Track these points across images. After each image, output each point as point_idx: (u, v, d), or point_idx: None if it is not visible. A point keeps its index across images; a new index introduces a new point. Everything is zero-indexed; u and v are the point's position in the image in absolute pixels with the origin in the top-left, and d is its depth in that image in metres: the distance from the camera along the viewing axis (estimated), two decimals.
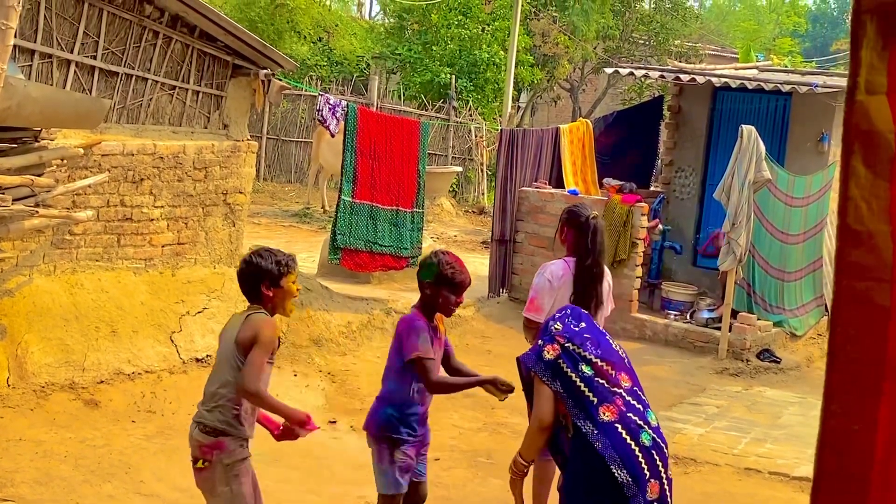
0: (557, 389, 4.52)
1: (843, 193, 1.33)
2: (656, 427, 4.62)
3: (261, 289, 4.90)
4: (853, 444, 1.35)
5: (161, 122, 9.51)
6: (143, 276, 9.10)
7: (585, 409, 4.49)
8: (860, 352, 1.33)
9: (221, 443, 4.81)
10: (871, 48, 1.29)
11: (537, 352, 4.61)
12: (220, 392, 4.84)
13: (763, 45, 37.16)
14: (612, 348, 4.73)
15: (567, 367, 4.55)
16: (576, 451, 4.58)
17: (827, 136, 13.63)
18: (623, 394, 4.59)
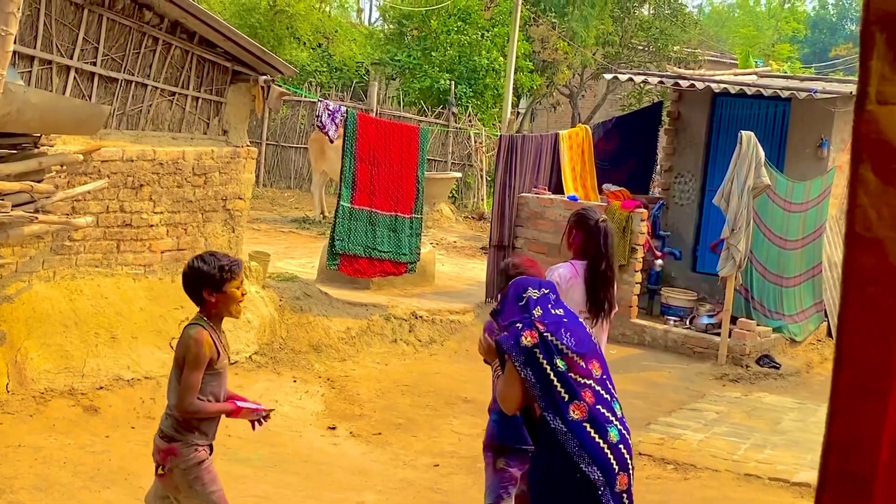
0: (528, 378, 4.53)
1: (852, 201, 1.33)
2: (622, 417, 4.71)
3: (203, 295, 4.87)
4: (859, 447, 1.35)
5: (160, 128, 9.51)
6: (143, 282, 9.10)
7: (556, 406, 4.53)
8: (867, 355, 1.34)
9: (174, 448, 4.92)
10: (881, 58, 1.29)
11: (515, 336, 4.57)
12: (170, 401, 4.98)
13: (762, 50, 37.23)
14: (585, 337, 4.74)
15: (542, 358, 4.55)
16: (542, 446, 4.64)
17: (826, 141, 13.64)
18: (593, 384, 4.63)
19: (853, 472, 1.36)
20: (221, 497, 5.03)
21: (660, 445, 8.78)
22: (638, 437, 8.95)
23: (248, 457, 7.71)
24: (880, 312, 1.33)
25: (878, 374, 1.33)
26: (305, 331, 10.20)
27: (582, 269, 6.15)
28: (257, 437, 8.16)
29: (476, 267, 15.36)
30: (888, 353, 1.33)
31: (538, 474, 4.71)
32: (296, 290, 10.79)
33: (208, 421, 5.01)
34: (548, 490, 4.64)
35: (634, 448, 8.54)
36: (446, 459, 8.11)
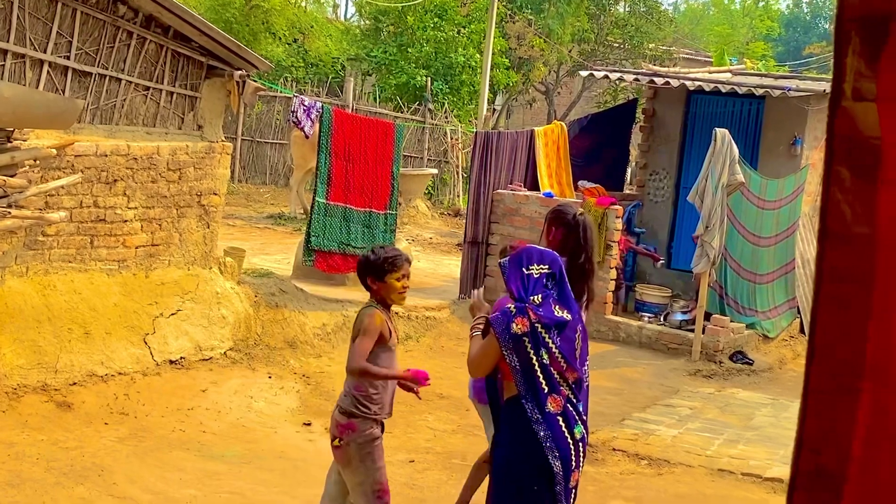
0: (513, 364, 4.64)
1: (826, 197, 1.34)
2: (585, 420, 4.89)
3: (367, 282, 5.48)
4: (831, 444, 1.36)
5: (135, 123, 9.46)
6: (117, 277, 9.05)
7: (536, 395, 4.67)
8: (840, 353, 1.35)
9: (353, 424, 5.35)
10: (856, 55, 1.30)
11: (507, 320, 4.65)
12: (349, 379, 5.43)
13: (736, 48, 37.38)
14: (571, 344, 4.79)
15: (530, 348, 4.65)
16: (510, 429, 4.75)
17: (800, 139, 13.73)
18: (569, 384, 4.77)
19: (825, 468, 1.37)
20: (384, 474, 5.45)
21: (634, 441, 8.82)
22: (612, 432, 8.99)
23: (223, 453, 7.69)
24: (853, 309, 1.34)
25: (851, 370, 1.35)
26: (281, 327, 10.18)
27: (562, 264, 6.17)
28: (232, 434, 8.14)
29: (451, 263, 15.36)
30: (860, 350, 1.34)
31: (503, 458, 4.82)
32: (271, 286, 10.76)
33: (382, 395, 5.40)
34: (510, 475, 4.76)
35: (609, 443, 8.61)
36: (421, 455, 8.11)
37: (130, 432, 7.75)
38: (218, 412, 8.47)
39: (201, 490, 6.98)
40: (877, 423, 1.34)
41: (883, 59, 1.29)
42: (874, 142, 1.31)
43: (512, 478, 4.75)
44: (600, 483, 7.84)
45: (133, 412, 8.09)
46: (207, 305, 9.57)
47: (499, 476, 4.84)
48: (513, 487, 4.74)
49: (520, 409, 4.68)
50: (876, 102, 1.30)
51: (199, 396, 8.65)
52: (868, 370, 1.34)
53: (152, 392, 8.44)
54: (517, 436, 4.72)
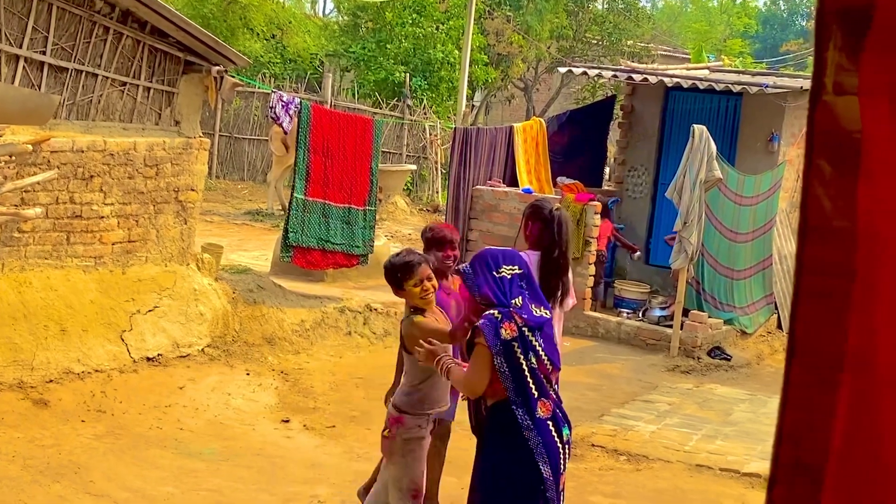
0: (503, 370, 4.55)
1: (807, 191, 1.34)
2: (569, 421, 4.86)
3: (395, 293, 5.63)
4: (810, 437, 1.36)
5: (111, 119, 9.40)
6: (93, 274, 8.99)
7: (526, 401, 4.59)
8: (820, 346, 1.35)
9: (402, 419, 5.50)
10: (838, 49, 1.30)
11: (496, 326, 4.55)
12: (402, 379, 5.69)
13: (714, 45, 37.54)
14: (552, 342, 4.78)
15: (519, 352, 4.57)
16: (498, 437, 4.70)
17: (777, 135, 13.80)
18: (553, 385, 4.75)
19: (805, 461, 1.37)
20: (423, 475, 5.60)
21: (612, 437, 8.84)
22: (591, 428, 9.00)
23: (200, 450, 7.66)
24: (833, 302, 1.34)
25: (831, 365, 1.34)
26: (259, 323, 10.14)
27: (535, 259, 6.20)
28: (210, 431, 8.11)
29: None
30: (840, 344, 1.34)
31: (490, 468, 4.75)
32: (249, 282, 10.72)
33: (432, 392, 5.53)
34: (499, 482, 4.70)
35: (588, 439, 8.63)
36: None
37: (107, 430, 7.71)
38: (195, 409, 8.44)
39: (179, 487, 6.95)
40: (857, 415, 1.34)
41: (865, 52, 1.29)
42: (855, 136, 1.31)
43: (502, 485, 4.68)
44: (579, 479, 7.85)
45: (110, 409, 8.04)
46: (185, 302, 9.53)
47: (487, 483, 4.77)
48: (503, 494, 4.68)
49: (509, 415, 4.58)
50: (858, 96, 1.30)
51: (177, 394, 8.61)
52: (848, 363, 1.34)
53: (129, 389, 8.39)
54: (506, 442, 4.64)
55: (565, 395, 9.38)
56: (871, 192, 1.30)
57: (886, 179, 1.29)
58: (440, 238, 6.37)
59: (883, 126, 1.29)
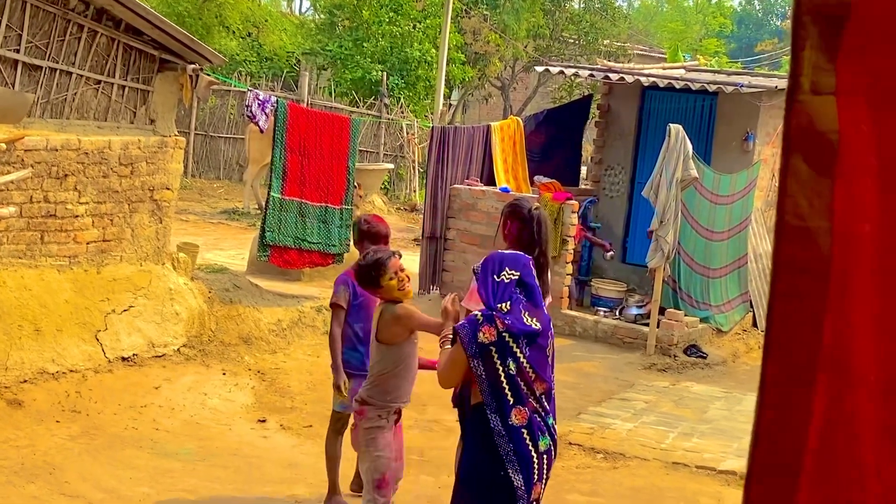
0: (479, 373, 4.55)
1: (783, 191, 1.34)
2: (553, 431, 4.80)
3: (371, 293, 5.87)
4: (787, 435, 1.37)
5: (86, 117, 9.33)
6: (68, 273, 8.93)
7: (500, 407, 4.57)
8: (796, 345, 1.35)
9: (364, 410, 5.71)
10: (814, 48, 1.30)
11: (473, 329, 4.55)
12: (371, 370, 5.81)
13: (690, 45, 37.71)
14: (542, 353, 4.71)
15: (497, 358, 4.54)
16: (474, 440, 4.71)
17: (752, 135, 13.86)
18: (536, 395, 4.67)
19: (781, 459, 1.37)
20: (387, 464, 5.73)
21: (589, 435, 8.86)
22: (568, 426, 9.02)
23: (176, 450, 7.62)
24: (810, 302, 1.34)
25: (807, 364, 1.35)
26: (235, 323, 10.10)
27: None
28: (185, 431, 8.07)
29: (409, 258, 15.31)
30: (817, 342, 1.34)
31: (466, 466, 4.77)
32: (225, 281, 10.68)
33: (396, 382, 5.68)
34: (473, 482, 4.73)
35: (565, 437, 8.64)
36: None
37: (82, 430, 7.66)
38: (171, 409, 8.39)
39: (154, 488, 6.91)
40: (833, 414, 1.35)
41: (841, 52, 1.29)
42: (832, 136, 1.31)
43: (474, 486, 4.71)
44: (556, 477, 7.86)
45: (85, 410, 7.99)
46: (160, 302, 9.48)
47: (463, 481, 4.81)
48: (475, 495, 4.71)
49: (484, 418, 4.60)
50: (835, 96, 1.31)
51: (152, 394, 8.56)
52: (824, 362, 1.34)
53: (104, 389, 8.34)
54: (480, 445, 4.66)
55: None
56: (848, 191, 1.31)
57: (863, 179, 1.30)
58: (376, 232, 6.63)
59: (860, 126, 1.29)
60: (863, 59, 1.28)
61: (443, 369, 4.74)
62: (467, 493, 4.74)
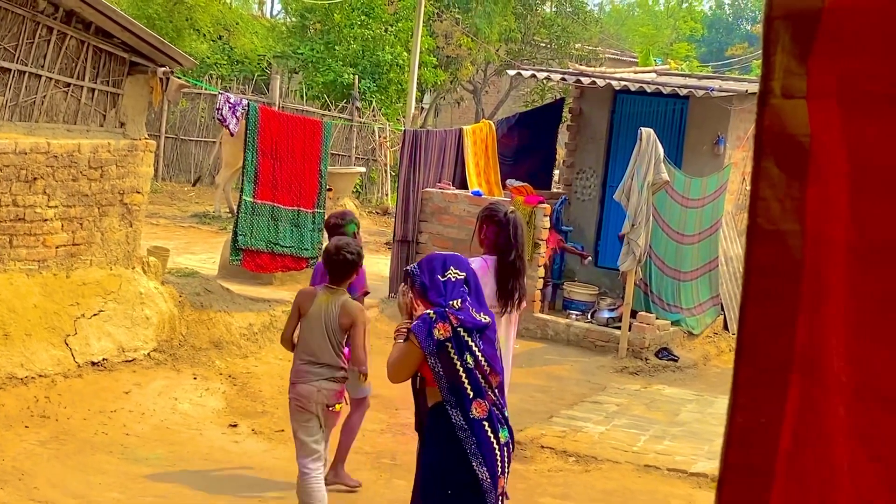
0: (437, 371, 4.60)
1: (755, 194, 1.35)
2: (509, 424, 4.88)
3: (352, 275, 6.28)
4: (759, 437, 1.37)
5: (55, 120, 9.26)
6: (37, 277, 8.85)
7: (460, 401, 4.63)
8: (768, 347, 1.36)
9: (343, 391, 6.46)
10: (786, 52, 1.31)
11: (428, 327, 4.61)
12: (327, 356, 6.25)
13: (661, 49, 37.88)
14: (493, 346, 4.81)
15: (454, 353, 4.62)
16: (435, 437, 4.73)
17: (722, 138, 13.95)
18: (493, 387, 4.76)
19: (753, 461, 1.38)
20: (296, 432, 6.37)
21: (561, 438, 8.88)
22: (540, 429, 9.03)
23: (147, 456, 7.57)
24: (781, 304, 1.35)
25: (779, 364, 1.35)
26: (206, 327, 10.04)
27: (493, 263, 6.23)
28: (156, 436, 8.01)
29: (380, 262, 15.31)
30: (789, 346, 1.35)
31: (428, 467, 4.81)
32: (196, 285, 10.61)
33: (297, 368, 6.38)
34: (437, 484, 4.75)
35: (537, 441, 8.66)
36: (350, 455, 8.05)
37: (52, 435, 7.59)
38: (141, 414, 8.34)
39: (125, 493, 6.86)
40: (805, 416, 1.35)
41: (812, 56, 1.30)
42: (803, 139, 1.32)
43: (439, 486, 4.72)
44: (528, 480, 7.87)
45: (54, 415, 7.92)
46: (130, 306, 9.41)
47: (426, 484, 4.82)
48: (441, 496, 4.71)
49: (444, 417, 4.64)
50: (806, 100, 1.31)
51: (122, 398, 8.50)
52: (796, 364, 1.35)
53: (74, 394, 8.27)
54: (442, 443, 4.68)
55: (514, 397, 9.39)
56: (820, 194, 1.31)
57: (835, 182, 1.30)
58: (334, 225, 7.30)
59: (831, 130, 1.30)
60: (833, 62, 1.29)
61: (393, 363, 4.79)
62: (434, 493, 4.75)
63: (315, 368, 6.22)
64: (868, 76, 1.26)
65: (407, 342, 4.68)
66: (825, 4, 1.27)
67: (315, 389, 6.19)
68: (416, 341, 4.61)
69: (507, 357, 6.64)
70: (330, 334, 6.18)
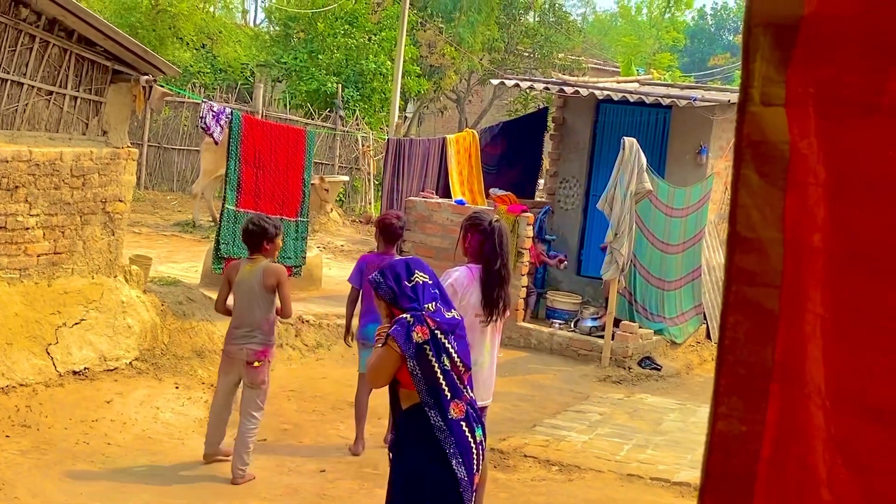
0: (416, 373, 4.65)
1: (734, 202, 1.35)
2: (482, 421, 4.99)
3: (263, 244, 7.30)
4: (740, 446, 1.37)
5: (37, 128, 9.22)
6: (18, 286, 8.80)
7: (438, 402, 4.70)
8: (749, 355, 1.36)
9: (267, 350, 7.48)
10: (765, 60, 1.31)
11: (407, 331, 4.66)
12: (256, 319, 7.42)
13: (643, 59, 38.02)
14: (464, 343, 4.90)
15: (432, 355, 4.67)
16: (412, 438, 4.76)
17: (705, 148, 14.00)
18: (468, 389, 4.85)
19: (735, 469, 1.38)
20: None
21: (545, 447, 8.87)
22: (523, 439, 9.03)
23: (129, 466, 7.53)
24: (761, 313, 1.35)
25: (759, 372, 1.36)
26: (188, 336, 10.00)
27: (478, 272, 6.24)
28: (138, 446, 7.97)
29: None
30: (769, 354, 1.35)
31: (407, 472, 4.83)
32: (178, 294, 10.58)
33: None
34: (414, 485, 4.77)
35: (520, 450, 8.66)
36: (333, 465, 8.05)
37: (33, 445, 7.54)
38: (123, 424, 8.29)
39: (106, 503, 6.81)
40: (785, 424, 1.35)
41: (791, 64, 1.30)
42: (782, 146, 1.32)
43: (417, 487, 4.76)
44: (511, 490, 7.87)
45: (35, 424, 7.87)
46: (112, 315, 9.37)
47: (407, 483, 4.84)
48: (422, 496, 4.74)
49: (422, 418, 4.69)
50: (784, 107, 1.32)
51: (104, 408, 8.46)
52: (776, 373, 1.35)
53: (55, 404, 8.22)
54: (420, 445, 4.73)
55: (497, 406, 9.39)
56: (799, 202, 1.32)
57: (813, 191, 1.31)
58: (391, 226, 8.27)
59: (809, 138, 1.30)
60: (811, 70, 1.29)
61: (372, 368, 4.82)
62: (413, 495, 4.77)
63: (240, 331, 7.40)
64: (843, 84, 1.27)
65: (385, 346, 4.71)
66: (805, 12, 1.28)
67: (237, 348, 7.38)
68: (396, 345, 4.65)
69: (491, 366, 6.65)
70: (257, 298, 7.30)
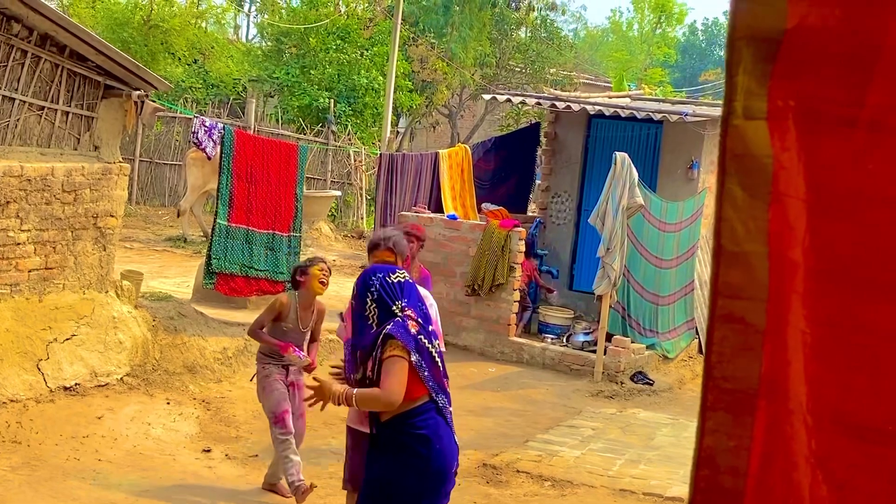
0: (419, 364, 4.70)
1: (718, 215, 1.35)
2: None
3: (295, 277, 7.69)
4: (728, 461, 1.37)
5: (29, 144, 9.21)
6: (9, 302, 8.78)
7: (441, 386, 4.82)
8: (735, 370, 1.36)
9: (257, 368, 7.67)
10: (748, 73, 1.32)
11: (403, 324, 4.71)
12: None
13: (635, 74, 38.17)
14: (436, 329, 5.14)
15: (426, 342, 4.76)
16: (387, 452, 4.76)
17: (697, 163, 14.04)
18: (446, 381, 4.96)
19: (722, 485, 1.38)
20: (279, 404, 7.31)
21: (537, 462, 8.86)
22: (516, 454, 9.01)
23: (120, 482, 7.50)
24: (747, 327, 1.35)
25: (746, 387, 1.36)
26: (180, 351, 9.98)
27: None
28: (129, 462, 7.94)
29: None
30: (755, 369, 1.35)
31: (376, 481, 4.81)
32: (170, 309, 10.56)
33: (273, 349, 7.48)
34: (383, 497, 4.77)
35: (513, 465, 8.64)
36: (324, 481, 8.02)
37: (23, 461, 7.51)
38: (114, 440, 8.26)
39: None
40: (772, 438, 1.35)
41: (773, 77, 1.31)
42: (765, 160, 1.32)
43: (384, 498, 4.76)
44: None
45: (26, 440, 7.84)
46: (103, 330, 9.35)
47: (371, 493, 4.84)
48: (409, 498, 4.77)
49: (400, 429, 4.70)
50: (766, 121, 1.32)
51: (95, 424, 8.42)
52: (762, 387, 1.35)
53: (46, 420, 8.19)
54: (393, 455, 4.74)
55: (490, 421, 9.39)
56: (782, 215, 1.32)
57: (794, 204, 1.31)
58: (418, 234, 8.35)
59: (790, 151, 1.31)
60: (792, 84, 1.30)
61: (396, 384, 4.62)
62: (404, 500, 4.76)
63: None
64: (823, 98, 1.27)
65: (392, 358, 4.65)
66: (788, 26, 1.28)
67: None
68: (401, 343, 4.65)
69: None
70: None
